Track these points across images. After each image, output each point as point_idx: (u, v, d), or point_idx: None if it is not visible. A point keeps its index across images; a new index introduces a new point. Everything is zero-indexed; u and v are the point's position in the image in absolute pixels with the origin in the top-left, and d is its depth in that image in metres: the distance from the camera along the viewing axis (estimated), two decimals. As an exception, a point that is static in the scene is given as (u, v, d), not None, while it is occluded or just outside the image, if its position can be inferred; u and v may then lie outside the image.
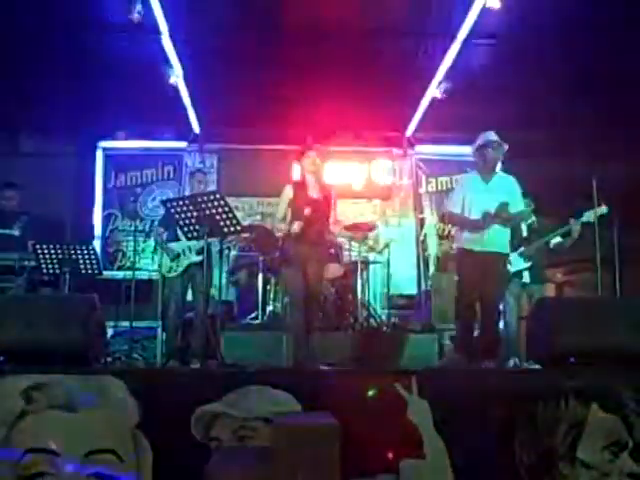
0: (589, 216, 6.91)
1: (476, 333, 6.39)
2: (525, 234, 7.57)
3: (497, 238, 6.33)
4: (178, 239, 7.01)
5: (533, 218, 7.49)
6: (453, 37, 8.05)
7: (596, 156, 8.26)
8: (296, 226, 6.18)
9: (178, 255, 7.05)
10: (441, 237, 10.69)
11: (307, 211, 6.19)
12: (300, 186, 6.48)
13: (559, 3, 7.18)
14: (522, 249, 7.42)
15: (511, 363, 6.76)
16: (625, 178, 8.42)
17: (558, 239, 7.39)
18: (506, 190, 6.43)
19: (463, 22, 7.70)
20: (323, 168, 6.72)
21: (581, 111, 8.67)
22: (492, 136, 6.51)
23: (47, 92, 8.59)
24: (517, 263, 7.38)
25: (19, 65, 8.20)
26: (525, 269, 7.43)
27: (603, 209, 6.81)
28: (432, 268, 10.64)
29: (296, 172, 7.31)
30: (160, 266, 7.26)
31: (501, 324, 6.92)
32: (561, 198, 7.14)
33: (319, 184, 6.52)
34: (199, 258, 6.84)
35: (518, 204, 6.44)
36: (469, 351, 6.23)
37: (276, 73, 8.65)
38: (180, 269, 7.03)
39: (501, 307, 6.88)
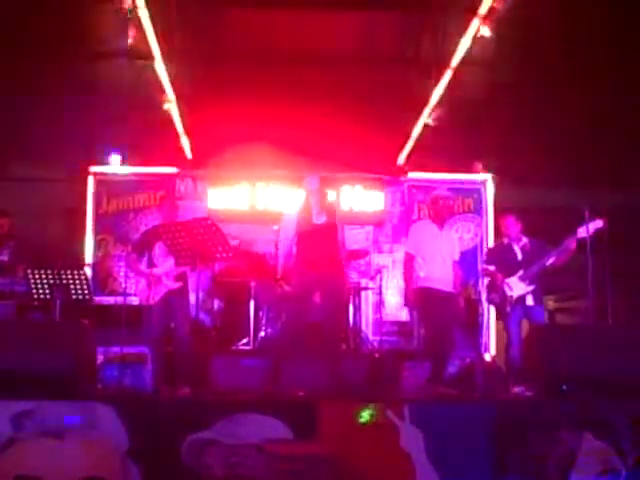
0: (584, 231, 6.89)
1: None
2: (519, 257, 7.46)
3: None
4: (154, 265, 6.90)
5: (525, 240, 7.47)
6: (446, 65, 8.09)
7: (590, 183, 8.34)
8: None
9: (156, 282, 6.93)
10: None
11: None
12: (304, 213, 6.44)
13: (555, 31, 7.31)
14: (521, 272, 7.32)
15: (514, 391, 6.65)
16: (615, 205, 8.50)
17: (553, 259, 7.29)
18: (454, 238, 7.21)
19: (455, 50, 7.75)
20: (326, 192, 6.77)
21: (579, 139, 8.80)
22: (443, 192, 7.19)
23: (39, 117, 8.60)
24: (518, 288, 7.29)
25: (10, 90, 8.21)
26: (527, 292, 7.31)
27: (598, 222, 6.82)
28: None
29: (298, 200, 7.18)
30: (134, 293, 7.10)
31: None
32: (563, 224, 7.16)
33: (323, 208, 6.50)
34: (177, 284, 6.77)
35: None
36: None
37: (268, 101, 8.67)
38: (157, 296, 6.88)
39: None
